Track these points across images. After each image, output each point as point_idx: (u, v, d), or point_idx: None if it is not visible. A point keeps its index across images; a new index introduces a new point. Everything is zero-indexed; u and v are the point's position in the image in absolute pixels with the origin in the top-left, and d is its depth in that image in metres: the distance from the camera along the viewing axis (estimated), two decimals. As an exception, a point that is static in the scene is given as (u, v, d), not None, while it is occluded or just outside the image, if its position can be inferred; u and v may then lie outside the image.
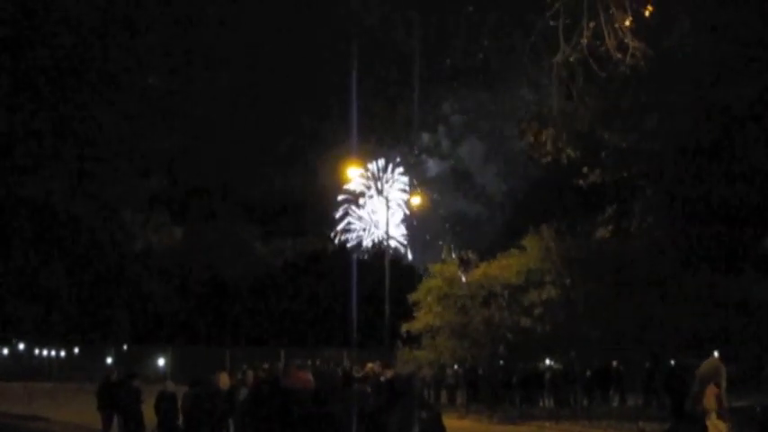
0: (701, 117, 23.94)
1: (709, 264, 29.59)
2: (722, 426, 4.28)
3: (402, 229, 70.48)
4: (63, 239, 18.87)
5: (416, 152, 68.93)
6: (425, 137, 70.52)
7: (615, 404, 33.91)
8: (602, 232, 29.01)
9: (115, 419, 17.08)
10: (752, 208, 26.91)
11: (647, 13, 11.97)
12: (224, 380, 12.37)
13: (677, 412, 3.78)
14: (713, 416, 4.27)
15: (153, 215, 19.21)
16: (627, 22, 12.15)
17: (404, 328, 34.15)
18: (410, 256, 70.81)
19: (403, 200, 67.90)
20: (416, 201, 68.07)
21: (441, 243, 34.18)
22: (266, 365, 12.84)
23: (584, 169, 20.19)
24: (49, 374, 54.90)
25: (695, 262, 29.81)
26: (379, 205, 61.02)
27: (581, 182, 20.30)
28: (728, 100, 23.04)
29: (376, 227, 68.07)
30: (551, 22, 12.09)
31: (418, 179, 68.91)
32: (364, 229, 70.03)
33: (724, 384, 4.39)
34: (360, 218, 70.31)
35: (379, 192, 53.24)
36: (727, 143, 25.04)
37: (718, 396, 4.31)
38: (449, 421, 16.57)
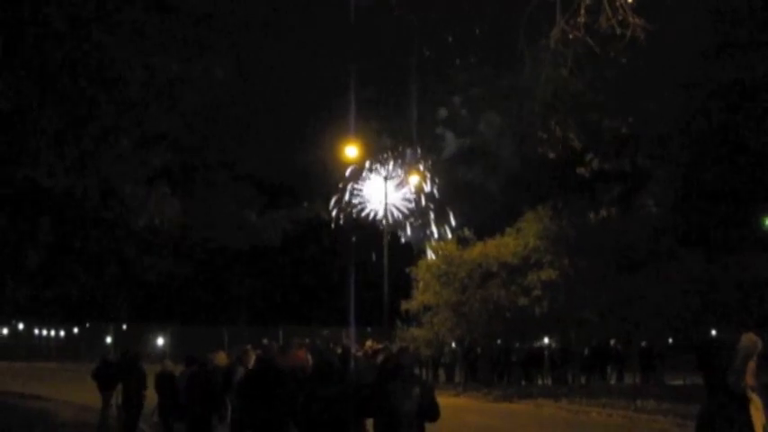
0: (702, 96, 23.88)
1: (707, 243, 29.64)
2: (758, 402, 4.27)
3: (405, 203, 70.24)
4: (60, 217, 18.80)
5: (416, 130, 68.64)
6: (442, 111, 70.19)
7: (613, 382, 34.07)
8: (605, 213, 28.85)
9: (113, 399, 17.13)
10: (750, 187, 26.92)
11: None
12: (221, 358, 12.38)
13: (715, 388, 3.69)
14: (751, 392, 4.27)
15: (153, 190, 19.15)
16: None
17: (403, 307, 34.25)
18: (408, 232, 70.78)
19: (411, 179, 67.67)
20: (415, 180, 68.04)
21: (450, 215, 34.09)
22: (265, 342, 12.82)
23: (588, 157, 20.08)
24: (49, 354, 55.16)
25: (693, 241, 29.86)
26: (381, 182, 60.81)
27: (584, 170, 20.22)
28: (730, 79, 22.98)
29: (372, 201, 67.96)
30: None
31: (434, 156, 68.78)
32: (363, 202, 70.03)
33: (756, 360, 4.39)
34: (360, 191, 70.29)
35: (387, 173, 53.02)
36: (728, 122, 25.00)
37: (754, 371, 4.31)
38: (445, 399, 16.64)
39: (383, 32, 54.52)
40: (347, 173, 68.64)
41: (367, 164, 68.51)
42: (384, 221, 40.67)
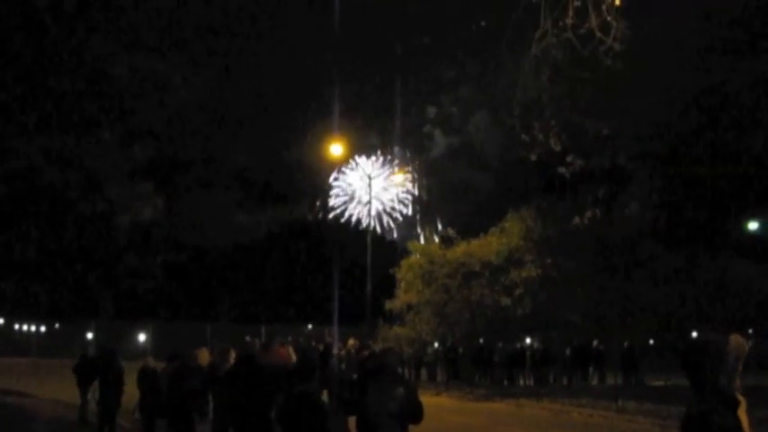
0: (684, 99, 24.06)
1: (689, 245, 29.88)
2: (745, 404, 4.26)
3: (391, 203, 70.30)
4: (44, 212, 18.72)
5: (400, 129, 68.51)
6: (431, 110, 70.01)
7: (594, 382, 34.19)
8: (590, 215, 28.96)
9: (90, 394, 17.07)
10: (732, 191, 27.16)
11: None
12: (203, 356, 12.33)
13: (703, 390, 3.58)
14: (739, 394, 4.25)
15: (136, 186, 19.10)
16: (617, 2, 12.10)
17: (386, 306, 34.30)
18: (395, 234, 70.74)
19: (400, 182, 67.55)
20: (400, 179, 67.98)
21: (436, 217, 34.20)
22: (247, 339, 12.81)
23: (569, 158, 20.18)
24: (29, 349, 54.70)
25: (675, 243, 30.10)
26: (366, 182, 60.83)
27: (564, 170, 20.32)
28: (712, 82, 23.17)
29: (360, 202, 67.83)
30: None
31: (422, 155, 68.65)
32: (347, 201, 69.89)
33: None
34: (344, 191, 70.13)
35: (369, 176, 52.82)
36: (709, 126, 25.20)
37: (740, 373, 4.31)
38: (427, 398, 16.65)
39: (369, 29, 54.49)
40: (333, 173, 68.44)
41: (353, 163, 68.37)
42: (367, 221, 40.58)
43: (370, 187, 42.83)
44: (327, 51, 53.99)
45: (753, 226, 31.05)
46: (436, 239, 35.24)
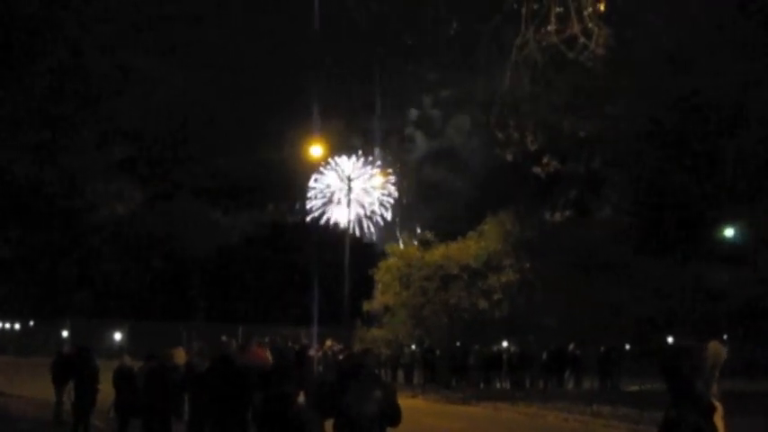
0: (661, 105, 24.22)
1: (664, 250, 30.11)
2: (721, 410, 4.28)
3: (371, 206, 70.35)
4: (20, 209, 18.52)
5: (379, 130, 68.55)
6: (413, 112, 70.11)
7: (570, 387, 34.33)
8: (559, 217, 29.24)
9: (66, 393, 16.95)
10: (707, 197, 27.37)
11: None
12: (180, 355, 12.25)
13: (681, 395, 3.59)
14: (715, 401, 4.28)
15: (114, 184, 18.96)
16: (602, 7, 12.18)
17: (364, 308, 34.31)
18: (374, 237, 70.78)
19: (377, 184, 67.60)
20: (380, 181, 68.03)
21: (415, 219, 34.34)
22: (224, 339, 12.71)
23: (545, 158, 20.30)
24: (4, 347, 54.16)
25: (650, 248, 30.31)
26: (346, 183, 60.69)
27: (539, 170, 20.44)
28: (689, 89, 23.34)
29: (339, 204, 67.78)
30: (514, 5, 12.10)
31: (403, 157, 68.69)
32: (326, 203, 69.81)
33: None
34: (323, 193, 70.02)
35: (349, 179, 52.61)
36: (686, 132, 25.38)
37: (717, 379, 4.34)
38: (403, 400, 16.65)
39: (350, 30, 54.44)
40: (314, 175, 68.37)
41: (333, 164, 68.34)
42: (346, 222, 40.59)
43: (349, 189, 42.84)
44: (308, 52, 53.92)
45: (729, 232, 31.37)
46: (415, 243, 35.25)
